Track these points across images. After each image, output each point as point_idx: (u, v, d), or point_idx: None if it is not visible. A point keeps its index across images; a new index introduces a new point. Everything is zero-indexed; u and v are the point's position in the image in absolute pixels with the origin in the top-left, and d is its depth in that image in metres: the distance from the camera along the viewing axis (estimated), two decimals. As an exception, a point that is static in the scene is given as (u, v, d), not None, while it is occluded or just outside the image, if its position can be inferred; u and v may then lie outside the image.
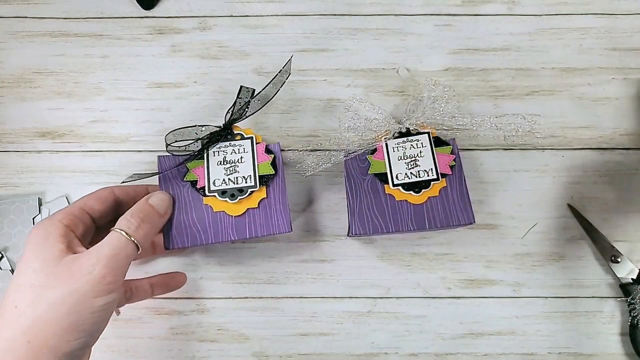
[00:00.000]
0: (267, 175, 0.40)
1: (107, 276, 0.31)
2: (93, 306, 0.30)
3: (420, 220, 0.41)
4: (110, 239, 0.33)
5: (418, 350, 0.46)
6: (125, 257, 0.32)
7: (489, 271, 0.46)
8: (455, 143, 0.43)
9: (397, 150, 0.42)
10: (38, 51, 0.49)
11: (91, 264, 0.31)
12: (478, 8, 0.50)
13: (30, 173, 0.48)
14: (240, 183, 0.40)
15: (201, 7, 0.50)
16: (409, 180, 0.41)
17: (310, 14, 0.50)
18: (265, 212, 0.40)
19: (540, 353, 0.45)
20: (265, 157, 0.41)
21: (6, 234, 0.47)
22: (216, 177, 0.40)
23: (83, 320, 0.30)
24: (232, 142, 0.41)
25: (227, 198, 0.40)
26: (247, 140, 0.41)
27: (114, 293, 0.31)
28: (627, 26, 0.50)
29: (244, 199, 0.40)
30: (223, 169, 0.41)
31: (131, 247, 0.33)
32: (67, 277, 0.30)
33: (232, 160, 0.41)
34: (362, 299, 0.46)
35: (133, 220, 0.34)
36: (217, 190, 0.40)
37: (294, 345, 0.46)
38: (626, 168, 0.48)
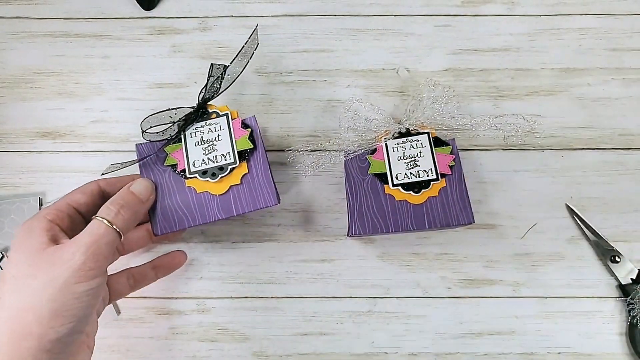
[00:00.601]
0: (246, 150, 0.40)
1: (87, 262, 0.31)
2: (75, 292, 0.31)
3: (420, 220, 0.41)
4: (90, 227, 0.33)
5: (418, 350, 0.46)
6: (106, 244, 0.33)
7: (489, 271, 0.46)
8: (454, 143, 0.43)
9: (397, 150, 0.42)
10: (39, 51, 0.50)
11: (72, 251, 0.32)
12: (478, 8, 0.50)
13: (31, 173, 0.48)
14: (219, 161, 0.40)
15: (201, 7, 0.50)
16: (408, 180, 0.41)
17: (310, 14, 0.51)
18: (250, 187, 0.39)
19: (539, 353, 0.45)
20: (242, 132, 0.40)
21: (7, 234, 0.47)
22: (195, 158, 0.40)
23: (66, 306, 0.30)
24: (207, 122, 0.41)
25: (208, 178, 0.39)
26: (223, 117, 0.41)
27: (98, 279, 0.32)
28: (626, 26, 0.50)
29: (225, 176, 0.39)
30: (201, 149, 0.40)
31: (112, 233, 0.34)
32: (48, 265, 0.31)
33: (209, 139, 0.40)
34: (362, 299, 0.47)
35: (113, 207, 0.35)
36: (197, 171, 0.40)
37: (294, 345, 0.46)
38: (626, 168, 0.48)
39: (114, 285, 0.41)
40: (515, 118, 0.43)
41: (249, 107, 0.49)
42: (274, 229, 0.47)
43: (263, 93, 0.49)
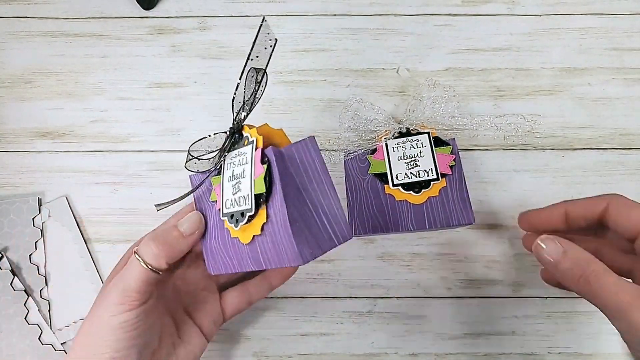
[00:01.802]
0: (261, 194, 0.31)
1: (117, 298, 0.33)
2: (110, 324, 0.33)
3: (420, 221, 0.41)
4: (128, 264, 0.34)
5: (418, 350, 0.46)
6: (136, 281, 0.33)
7: (489, 271, 0.46)
8: (455, 143, 0.42)
9: (397, 150, 0.42)
10: (38, 51, 0.49)
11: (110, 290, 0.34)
12: (478, 8, 0.50)
13: (30, 173, 0.48)
14: (241, 205, 0.32)
15: (201, 7, 0.50)
16: (408, 180, 0.41)
17: (310, 14, 0.50)
18: (272, 239, 0.31)
19: (540, 353, 0.45)
20: (260, 169, 0.31)
21: (6, 234, 0.47)
22: (227, 197, 0.33)
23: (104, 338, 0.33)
24: (240, 150, 0.33)
25: (232, 224, 0.33)
26: (250, 145, 0.32)
27: (131, 312, 0.33)
28: (627, 26, 0.50)
29: (245, 225, 0.32)
30: (231, 187, 0.33)
31: (145, 273, 0.34)
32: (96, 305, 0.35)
33: (237, 174, 0.33)
34: (362, 299, 0.46)
35: (151, 244, 0.34)
36: (227, 213, 0.33)
37: (294, 345, 0.46)
38: (627, 168, 0.48)
39: (231, 301, 0.41)
40: (515, 118, 0.43)
41: (249, 106, 0.49)
42: (274, 229, 0.47)
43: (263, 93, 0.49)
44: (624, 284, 0.29)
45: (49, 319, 0.46)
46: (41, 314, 0.46)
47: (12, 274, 0.46)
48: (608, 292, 0.29)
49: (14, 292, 0.46)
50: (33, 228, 0.47)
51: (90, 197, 0.48)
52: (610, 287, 0.29)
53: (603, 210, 0.35)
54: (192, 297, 0.40)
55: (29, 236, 0.47)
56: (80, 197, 0.48)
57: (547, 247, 0.32)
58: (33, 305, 0.46)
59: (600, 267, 0.30)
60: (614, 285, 0.29)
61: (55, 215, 0.47)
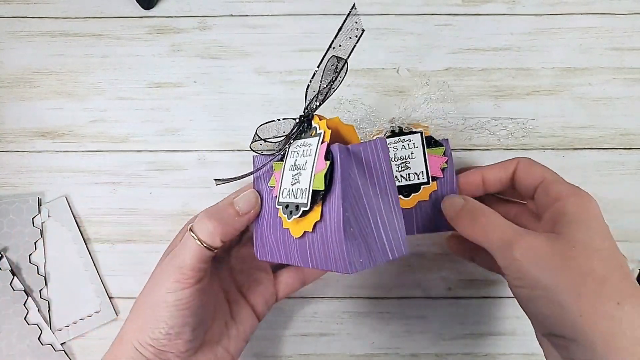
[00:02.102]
0: (318, 191, 0.30)
1: (173, 275, 0.33)
2: (166, 301, 0.33)
3: (409, 225, 0.39)
4: (183, 241, 0.35)
5: (418, 351, 0.46)
6: (194, 259, 0.33)
7: (489, 271, 0.46)
8: (448, 144, 0.41)
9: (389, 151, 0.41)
10: (38, 51, 0.49)
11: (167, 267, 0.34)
12: (478, 8, 0.50)
13: (30, 173, 0.48)
14: (298, 198, 0.31)
15: (201, 6, 0.50)
16: (398, 183, 0.40)
17: (310, 13, 0.50)
18: (323, 240, 0.30)
19: (540, 354, 0.45)
20: (322, 165, 0.29)
21: (6, 234, 0.47)
22: (285, 186, 0.33)
23: (159, 313, 0.33)
24: (306, 140, 0.32)
25: (286, 215, 0.32)
26: (317, 137, 0.31)
27: (187, 290, 0.33)
28: (627, 26, 0.49)
29: (298, 219, 0.31)
30: (291, 176, 0.32)
31: (199, 250, 0.34)
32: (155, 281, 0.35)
33: (300, 164, 0.32)
34: (362, 299, 0.46)
35: (206, 221, 0.34)
36: (282, 202, 0.32)
37: (294, 345, 0.46)
38: (627, 168, 0.47)
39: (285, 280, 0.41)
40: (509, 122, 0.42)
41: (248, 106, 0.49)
42: (274, 229, 0.47)
43: (263, 93, 0.49)
44: (508, 224, 0.32)
45: (49, 319, 0.46)
46: (41, 314, 0.46)
47: (12, 274, 0.46)
48: (493, 231, 0.32)
49: (14, 292, 0.46)
50: (33, 228, 0.47)
51: (90, 197, 0.48)
52: (495, 227, 0.32)
53: (513, 171, 0.37)
54: (246, 277, 0.40)
55: (29, 236, 0.47)
56: (80, 197, 0.48)
57: (450, 201, 0.36)
58: (33, 306, 0.46)
59: (490, 211, 0.34)
60: (498, 225, 0.32)
61: (55, 215, 0.47)
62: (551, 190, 0.34)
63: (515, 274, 0.30)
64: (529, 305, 0.31)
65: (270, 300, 0.41)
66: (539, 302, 0.29)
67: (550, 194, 0.33)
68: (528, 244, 0.30)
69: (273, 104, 0.49)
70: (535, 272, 0.29)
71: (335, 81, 0.30)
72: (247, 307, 0.39)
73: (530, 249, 0.30)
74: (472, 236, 0.34)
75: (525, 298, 0.31)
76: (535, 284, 0.29)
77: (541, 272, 0.29)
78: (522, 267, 0.30)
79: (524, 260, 0.30)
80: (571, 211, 0.31)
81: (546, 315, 0.29)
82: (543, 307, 0.29)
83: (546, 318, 0.30)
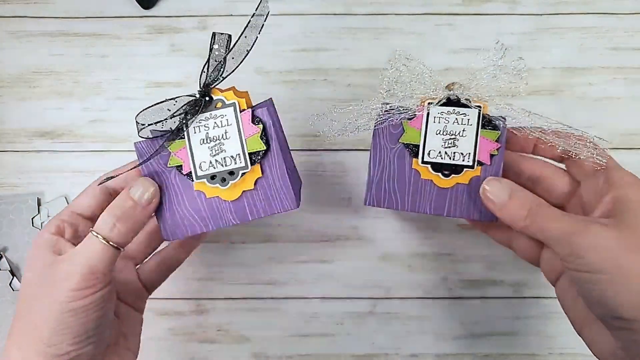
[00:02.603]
0: (258, 152, 0.34)
1: (82, 282, 0.31)
2: (72, 309, 0.30)
3: (440, 206, 0.37)
4: (86, 243, 0.32)
5: (419, 351, 0.46)
6: (102, 262, 0.32)
7: (490, 271, 0.46)
8: (505, 129, 0.37)
9: (439, 121, 0.37)
10: (37, 51, 0.49)
11: (67, 271, 0.31)
12: (479, 7, 0.50)
13: (30, 173, 0.48)
14: (229, 165, 0.34)
15: (201, 6, 0.50)
16: (441, 160, 0.37)
17: (310, 13, 0.50)
18: (265, 192, 0.35)
19: (541, 354, 0.45)
20: (253, 129, 0.34)
21: (5, 234, 0.46)
22: (202, 160, 0.35)
23: (64, 324, 0.30)
24: (213, 113, 0.34)
25: (217, 184, 0.35)
26: (229, 107, 0.34)
27: (97, 294, 0.31)
28: (628, 26, 0.49)
29: (237, 182, 0.34)
30: (207, 149, 0.35)
31: (108, 250, 0.32)
32: (50, 284, 0.31)
33: (215, 136, 0.34)
34: (362, 300, 0.46)
35: (109, 219, 0.32)
36: (205, 175, 0.35)
37: (294, 345, 0.46)
38: (628, 168, 0.47)
39: (149, 275, 0.40)
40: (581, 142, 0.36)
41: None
42: (274, 229, 0.47)
43: (263, 92, 0.49)
44: (567, 214, 0.33)
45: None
46: (40, 314, 0.46)
47: (11, 274, 0.46)
48: (551, 222, 0.32)
49: (13, 292, 0.46)
50: (32, 228, 0.47)
51: (90, 197, 0.47)
52: (553, 218, 0.32)
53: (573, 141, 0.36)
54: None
55: (28, 236, 0.47)
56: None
57: (492, 187, 0.34)
58: (32, 306, 0.46)
59: (543, 202, 0.33)
60: (558, 216, 0.32)
61: (55, 215, 0.47)
62: (614, 177, 0.34)
63: (579, 261, 0.31)
64: (594, 288, 0.31)
65: (141, 295, 0.39)
66: (604, 285, 0.30)
67: (613, 180, 0.34)
68: (592, 234, 0.31)
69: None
70: (602, 260, 0.30)
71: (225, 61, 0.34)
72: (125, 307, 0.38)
73: (596, 238, 0.31)
74: (524, 230, 0.33)
75: (588, 281, 0.31)
76: (602, 270, 0.30)
77: (609, 260, 0.30)
78: (588, 255, 0.30)
79: (590, 249, 0.30)
80: (635, 199, 0.32)
81: (610, 298, 0.30)
82: (609, 290, 0.30)
83: (610, 300, 0.30)
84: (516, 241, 0.39)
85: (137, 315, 0.39)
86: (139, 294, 0.39)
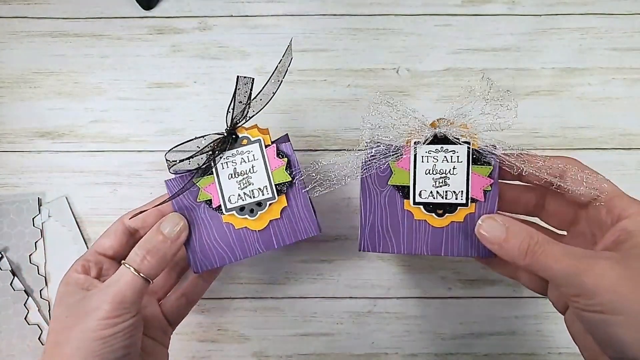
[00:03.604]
0: (283, 183, 0.37)
1: (113, 311, 0.32)
2: (102, 337, 0.32)
3: (437, 246, 0.36)
4: (117, 274, 0.34)
5: (418, 351, 0.46)
6: (132, 292, 0.33)
7: (489, 271, 0.46)
8: (497, 163, 0.35)
9: (427, 160, 0.36)
10: (38, 51, 0.49)
11: (99, 300, 0.33)
12: (478, 8, 0.50)
13: (30, 173, 0.48)
14: (257, 196, 0.37)
15: (201, 7, 0.50)
16: (433, 200, 0.36)
17: (310, 14, 0.50)
18: (290, 220, 0.37)
19: (540, 353, 0.45)
20: (278, 163, 0.37)
21: (6, 234, 0.47)
22: (230, 193, 0.37)
23: (95, 351, 0.32)
24: (239, 149, 0.37)
25: (246, 215, 0.37)
26: (255, 143, 0.37)
27: (125, 323, 0.33)
28: (627, 26, 0.50)
29: (264, 212, 0.37)
30: (236, 183, 0.37)
31: (138, 281, 0.34)
32: (81, 316, 0.33)
33: (243, 171, 0.37)
34: (362, 299, 0.46)
35: (139, 252, 0.35)
36: (234, 207, 0.37)
37: (294, 345, 0.46)
38: (627, 168, 0.48)
39: (171, 310, 0.41)
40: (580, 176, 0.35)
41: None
42: (274, 229, 0.47)
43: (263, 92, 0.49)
44: (569, 249, 0.30)
45: (49, 319, 0.46)
46: (41, 314, 0.46)
47: (12, 274, 0.46)
48: (555, 260, 0.30)
49: (14, 292, 0.46)
50: (33, 228, 0.47)
51: (90, 197, 0.48)
52: (557, 256, 0.30)
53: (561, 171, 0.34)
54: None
55: (29, 236, 0.47)
56: (80, 197, 0.48)
57: (487, 226, 0.33)
58: (33, 305, 0.46)
59: (543, 237, 0.31)
60: (560, 254, 0.30)
61: (55, 215, 0.47)
62: (614, 206, 0.32)
63: (587, 302, 0.29)
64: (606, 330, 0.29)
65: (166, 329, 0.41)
66: (617, 327, 0.29)
67: (614, 210, 0.32)
68: (601, 272, 0.29)
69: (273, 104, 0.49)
70: (611, 301, 0.28)
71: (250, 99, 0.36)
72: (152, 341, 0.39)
73: (605, 277, 0.29)
74: (527, 266, 0.31)
75: (600, 323, 0.29)
76: (610, 310, 0.29)
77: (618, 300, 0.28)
78: (596, 297, 0.29)
79: (598, 290, 0.29)
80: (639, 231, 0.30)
81: (624, 340, 0.29)
82: (622, 333, 0.28)
83: (622, 342, 0.29)
84: (520, 273, 0.38)
85: (163, 350, 0.40)
86: (164, 329, 0.40)
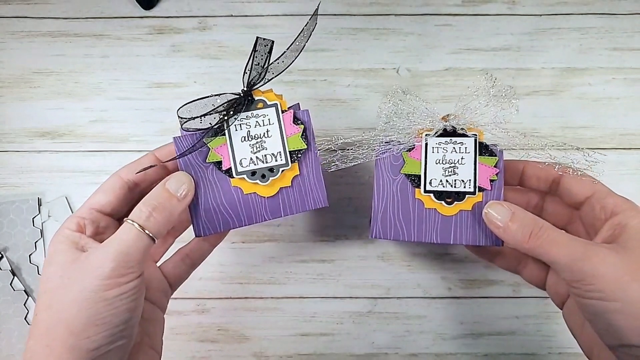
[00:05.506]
0: (298, 150, 0.36)
1: (117, 269, 0.30)
2: (106, 299, 0.29)
3: (446, 234, 0.37)
4: (121, 231, 0.32)
5: (418, 351, 0.46)
6: (137, 250, 0.31)
7: (489, 271, 0.46)
8: (502, 155, 0.38)
9: (437, 151, 0.38)
10: (38, 51, 0.49)
11: (101, 258, 0.30)
12: (478, 8, 0.50)
13: (30, 173, 0.48)
14: (269, 162, 0.36)
15: (201, 7, 0.50)
16: (443, 188, 0.37)
17: (310, 13, 0.50)
18: (300, 189, 0.37)
19: (540, 353, 0.45)
20: (294, 129, 0.36)
21: (6, 234, 0.47)
22: (242, 157, 0.36)
23: (99, 314, 0.29)
24: (254, 112, 0.36)
25: (257, 180, 0.36)
26: (271, 107, 0.36)
27: (131, 283, 0.31)
28: (627, 26, 0.50)
29: (276, 179, 0.36)
30: (249, 146, 0.36)
31: (143, 239, 0.31)
32: (79, 275, 0.30)
33: (257, 134, 0.36)
34: (362, 299, 0.46)
35: (145, 209, 0.32)
36: (245, 171, 0.36)
37: (294, 345, 0.46)
38: (627, 168, 0.48)
39: (173, 271, 0.40)
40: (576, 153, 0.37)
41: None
42: (274, 229, 0.47)
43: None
44: (572, 237, 0.32)
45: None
46: (41, 314, 0.46)
47: (12, 274, 0.46)
48: (558, 245, 0.31)
49: (14, 292, 0.46)
50: (33, 228, 0.47)
51: (90, 197, 0.48)
52: (560, 241, 0.32)
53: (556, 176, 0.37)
54: None
55: (29, 236, 0.47)
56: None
57: (493, 209, 0.35)
58: (33, 305, 0.46)
59: (547, 223, 0.33)
60: (563, 240, 0.32)
61: (55, 215, 0.47)
62: (607, 204, 0.34)
63: (588, 287, 0.30)
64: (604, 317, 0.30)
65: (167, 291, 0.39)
66: (615, 314, 0.30)
67: (607, 207, 0.34)
68: (602, 259, 0.30)
69: (273, 104, 0.49)
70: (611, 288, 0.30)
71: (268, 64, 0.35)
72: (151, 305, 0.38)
73: (605, 264, 0.30)
74: (529, 250, 0.33)
75: (599, 309, 0.30)
76: (610, 297, 0.30)
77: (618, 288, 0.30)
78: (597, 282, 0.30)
79: (600, 275, 0.30)
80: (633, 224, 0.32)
81: (622, 327, 0.30)
82: (620, 319, 0.30)
83: (622, 329, 0.30)
84: (522, 267, 0.39)
85: (160, 314, 0.39)
86: (164, 291, 0.39)
